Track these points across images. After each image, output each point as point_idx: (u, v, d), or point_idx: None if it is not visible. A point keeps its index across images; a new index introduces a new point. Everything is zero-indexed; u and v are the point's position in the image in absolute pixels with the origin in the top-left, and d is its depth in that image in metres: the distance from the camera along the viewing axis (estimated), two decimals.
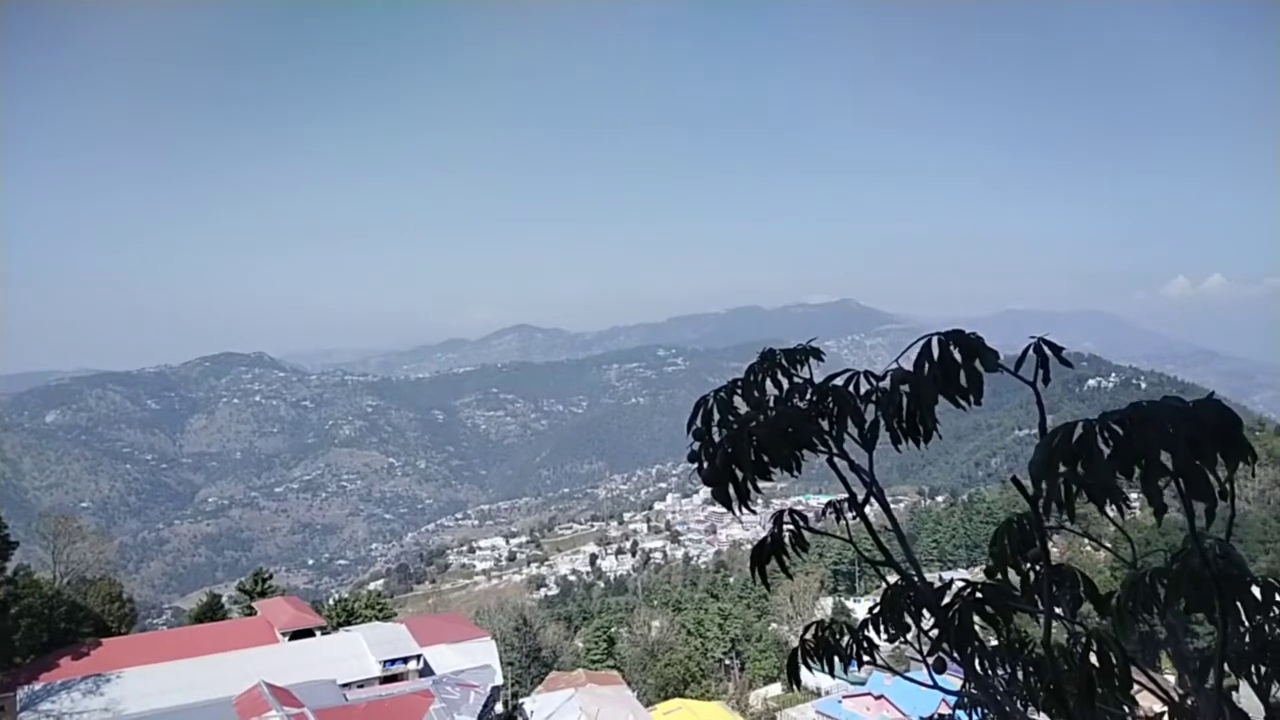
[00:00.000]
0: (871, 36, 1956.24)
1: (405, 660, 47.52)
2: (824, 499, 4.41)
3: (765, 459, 3.35)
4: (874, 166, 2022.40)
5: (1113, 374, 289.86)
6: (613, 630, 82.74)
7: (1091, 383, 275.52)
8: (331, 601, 74.89)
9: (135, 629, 58.98)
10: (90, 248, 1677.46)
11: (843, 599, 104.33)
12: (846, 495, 3.85)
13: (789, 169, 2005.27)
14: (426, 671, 47.25)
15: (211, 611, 61.36)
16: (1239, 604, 3.14)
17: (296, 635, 49.72)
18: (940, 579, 3.79)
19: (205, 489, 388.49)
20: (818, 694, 67.72)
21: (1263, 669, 3.65)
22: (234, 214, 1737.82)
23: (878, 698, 58.17)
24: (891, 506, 4.05)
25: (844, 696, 61.59)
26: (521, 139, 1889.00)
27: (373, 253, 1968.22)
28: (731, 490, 3.41)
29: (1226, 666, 3.57)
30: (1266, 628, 3.81)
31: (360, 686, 44.58)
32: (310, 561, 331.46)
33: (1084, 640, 3.08)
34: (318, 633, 51.13)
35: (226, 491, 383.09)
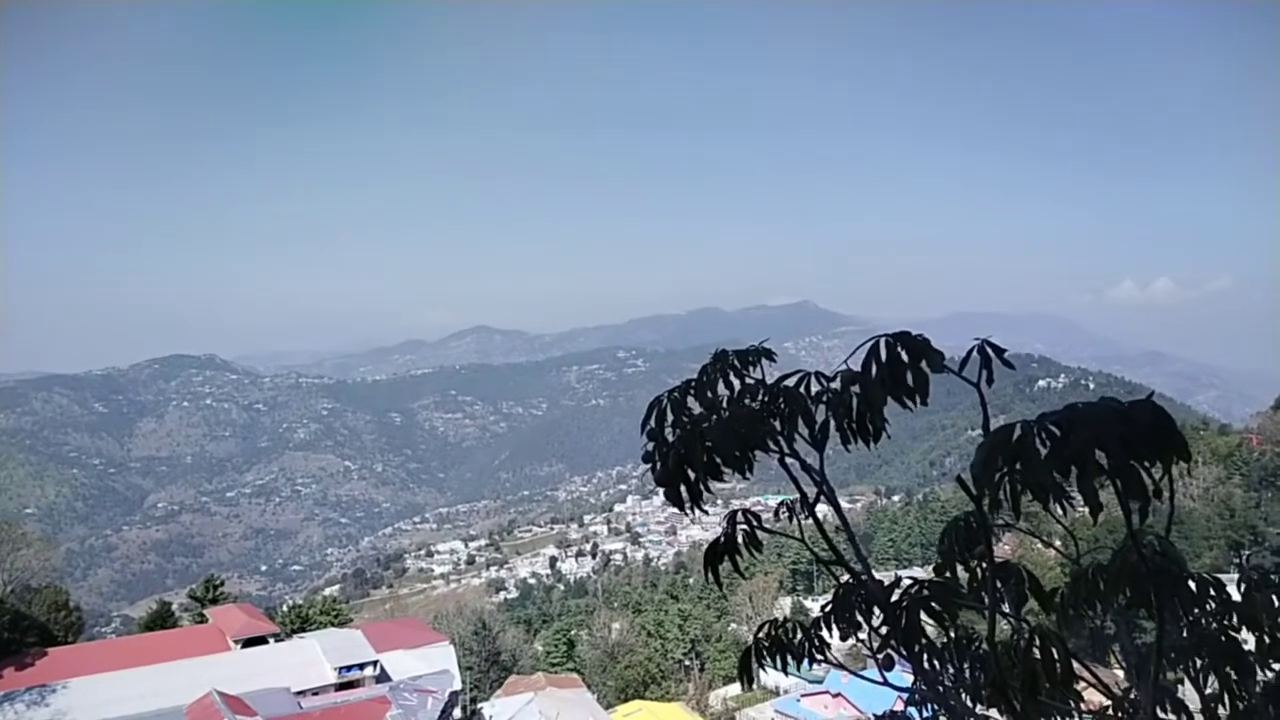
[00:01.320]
0: (833, 40, 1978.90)
1: (361, 666, 47.02)
2: (782, 499, 4.43)
3: (717, 460, 3.37)
4: (833, 170, 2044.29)
5: (1062, 375, 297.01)
6: (573, 633, 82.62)
7: (1042, 383, 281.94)
8: (285, 608, 73.69)
9: (82, 638, 57.53)
10: (35, 247, 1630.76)
11: (801, 598, 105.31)
12: (798, 495, 3.88)
13: (749, 171, 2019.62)
14: (383, 678, 46.77)
15: (162, 619, 60.16)
16: (1176, 599, 3.24)
17: (249, 643, 49.00)
18: (897, 577, 3.84)
19: (155, 494, 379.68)
20: (777, 693, 68.28)
21: (1199, 662, 3.77)
22: (184, 213, 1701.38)
23: (835, 696, 58.82)
24: (849, 506, 4.10)
25: (802, 695, 62.20)
26: (479, 140, 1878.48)
27: (328, 253, 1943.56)
28: (684, 491, 3.43)
29: (1164, 660, 3.68)
30: (1204, 622, 3.93)
31: (315, 694, 44.00)
32: (263, 568, 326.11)
33: (1027, 636, 3.14)
34: (271, 640, 50.44)
35: (177, 497, 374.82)
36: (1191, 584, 3.36)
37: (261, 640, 49.81)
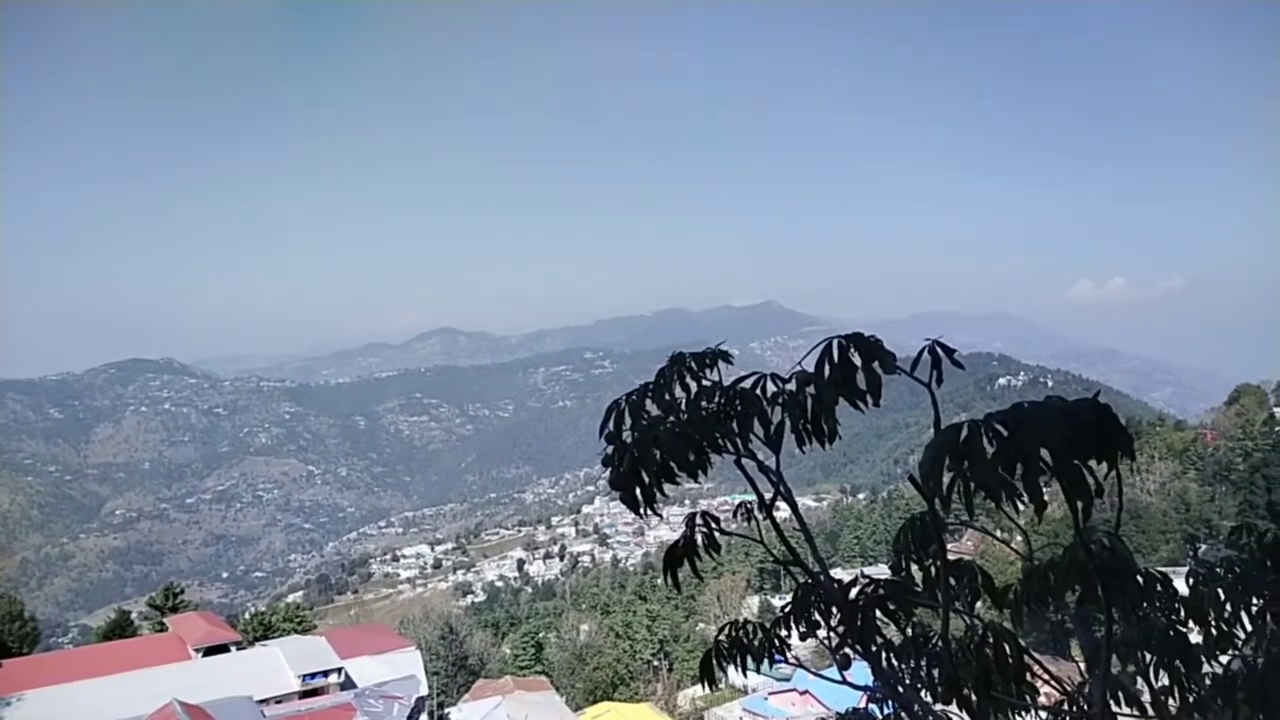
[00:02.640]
0: (799, 44, 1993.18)
1: (325, 673, 46.53)
2: (749, 499, 4.44)
3: (671, 463, 3.36)
4: (798, 172, 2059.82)
5: (1021, 373, 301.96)
6: (541, 635, 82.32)
7: (1002, 381, 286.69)
8: (248, 615, 72.71)
9: (38, 649, 56.41)
10: None
11: (769, 597, 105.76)
12: (755, 497, 3.89)
13: (714, 173, 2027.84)
14: (348, 684, 46.31)
15: (121, 628, 59.23)
16: (1125, 594, 3.30)
17: (211, 651, 48.40)
18: (861, 575, 3.87)
19: (112, 501, 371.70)
20: (745, 692, 68.53)
21: (1148, 656, 3.84)
22: (140, 215, 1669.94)
23: (802, 693, 59.23)
24: (815, 504, 4.13)
25: (770, 693, 62.49)
26: (443, 141, 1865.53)
27: (289, 254, 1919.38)
28: (638, 494, 3.42)
29: (1114, 654, 3.74)
30: (1152, 617, 4.01)
31: (279, 702, 43.49)
32: (225, 575, 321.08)
33: (980, 632, 3.17)
34: (233, 648, 49.86)
35: (135, 503, 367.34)
36: (1139, 579, 3.42)
37: (223, 648, 49.21)
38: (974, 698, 3.25)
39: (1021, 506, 2.80)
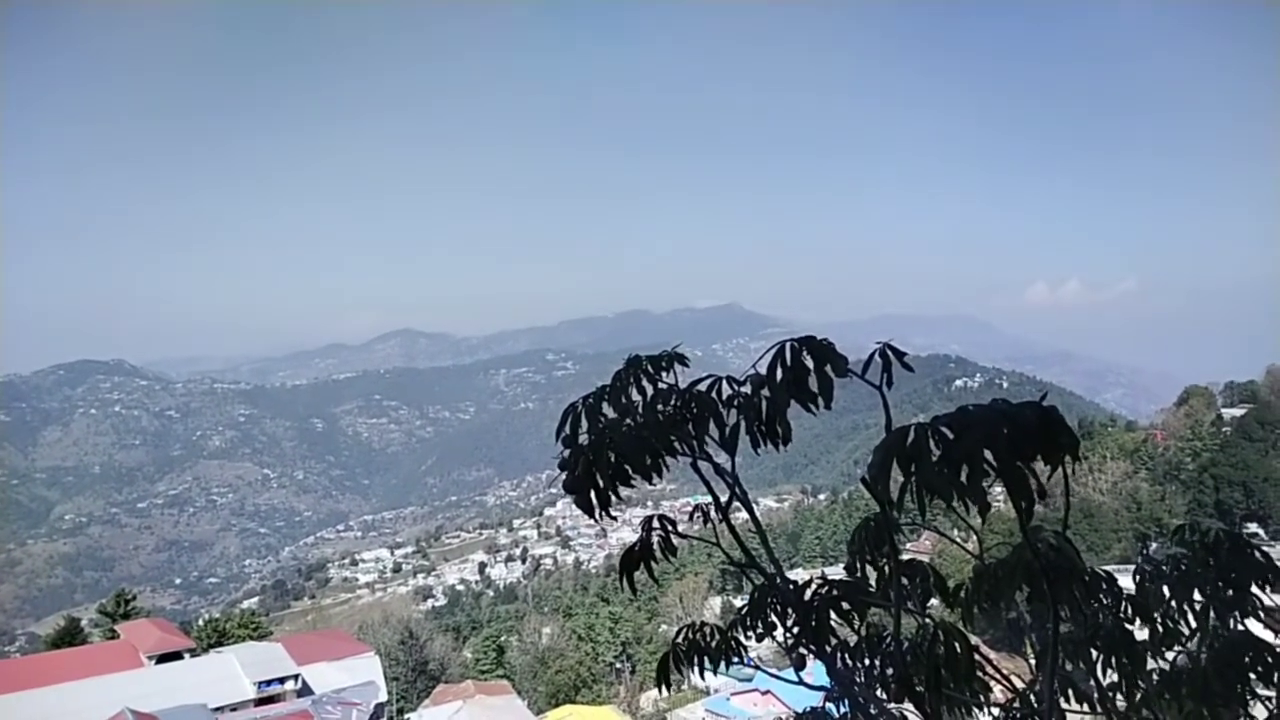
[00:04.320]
0: (760, 45, 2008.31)
1: (282, 680, 45.96)
2: (707, 500, 4.45)
3: (626, 466, 3.37)
4: (759, 173, 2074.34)
5: (978, 374, 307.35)
6: (502, 639, 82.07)
7: (959, 383, 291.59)
8: (201, 622, 71.57)
9: None
10: None
11: (730, 598, 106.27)
12: (711, 499, 3.91)
13: (675, 173, 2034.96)
14: (305, 691, 45.77)
15: (70, 636, 58.19)
16: (1070, 592, 3.36)
17: (164, 659, 47.73)
18: (822, 575, 3.90)
19: (61, 505, 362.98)
20: (708, 693, 68.84)
21: (1094, 653, 3.93)
22: (89, 211, 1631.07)
23: (764, 693, 59.67)
24: (776, 505, 4.16)
25: (732, 694, 62.86)
26: (403, 139, 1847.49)
27: (245, 254, 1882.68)
28: (593, 496, 3.42)
29: (1064, 651, 3.82)
30: (1099, 615, 4.09)
31: (234, 710, 42.91)
32: (178, 581, 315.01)
33: (932, 631, 3.21)
34: (186, 655, 49.27)
35: (85, 508, 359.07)
36: (1085, 578, 3.49)
37: (176, 656, 48.59)
38: (926, 696, 3.30)
39: (965, 509, 2.85)
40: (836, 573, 4.10)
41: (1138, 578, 4.56)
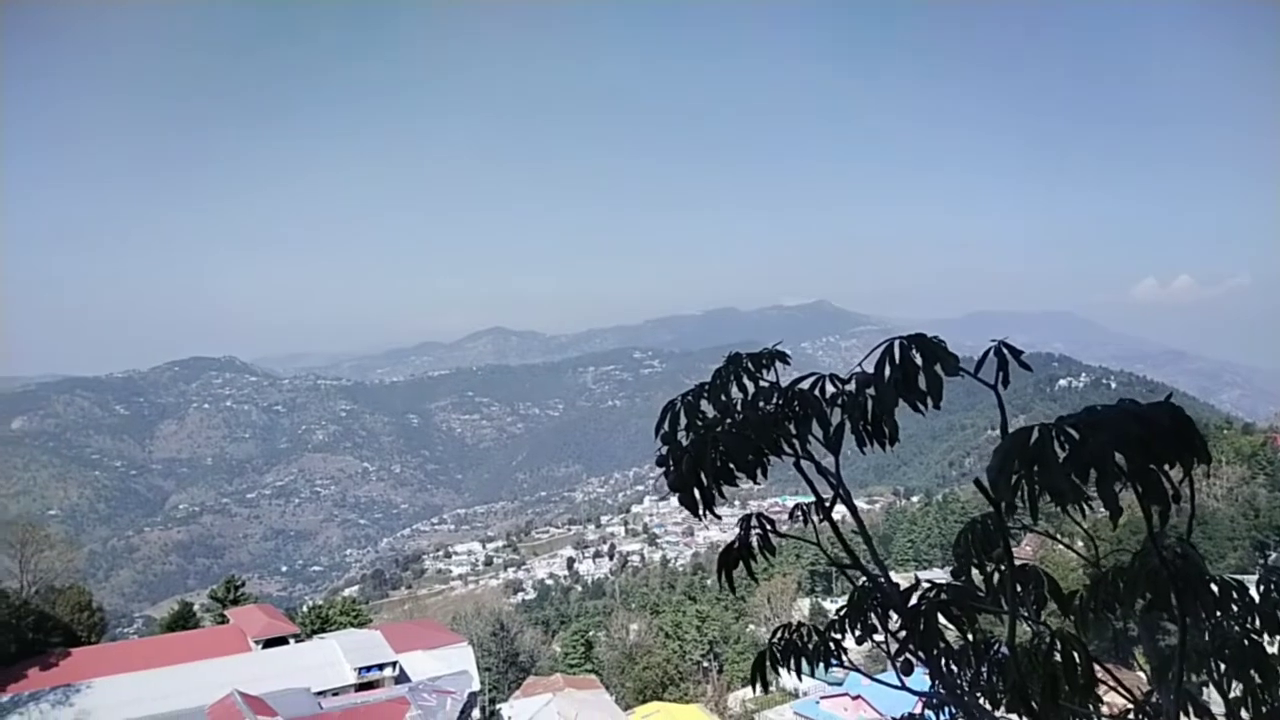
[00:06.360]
0: (847, 36, 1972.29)
1: (380, 667, 47.26)
2: (799, 500, 4.41)
3: (730, 464, 3.35)
4: (849, 169, 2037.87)
5: (1083, 374, 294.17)
6: (590, 634, 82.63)
7: (1063, 383, 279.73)
8: (305, 609, 74.13)
9: (105, 638, 58.12)
10: (55, 250, 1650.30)
11: (820, 600, 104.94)
12: (814, 498, 3.86)
13: (764, 171, 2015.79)
14: (402, 678, 47.00)
15: (183, 620, 60.68)
16: (1198, 602, 3.20)
17: (270, 643, 49.36)
18: (916, 579, 3.82)
19: (176, 495, 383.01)
20: (796, 695, 68.02)
21: (1221, 665, 3.72)
22: (202, 215, 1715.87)
23: (855, 698, 58.48)
24: (866, 507, 4.08)
25: (821, 697, 61.91)
26: (496, 140, 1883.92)
27: (344, 254, 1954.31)
28: (697, 495, 3.41)
29: (1185, 663, 3.63)
30: (1226, 625, 3.87)
31: (335, 694, 44.28)
32: (284, 568, 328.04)
33: (1048, 639, 3.10)
34: (291, 640, 50.79)
35: (198, 498, 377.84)
36: (1214, 586, 3.31)
37: (282, 641, 50.19)
38: (1040, 706, 3.18)
39: (1080, 513, 2.74)
40: (929, 576, 3.99)
41: (1262, 587, 4.31)
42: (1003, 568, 3.57)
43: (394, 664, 47.74)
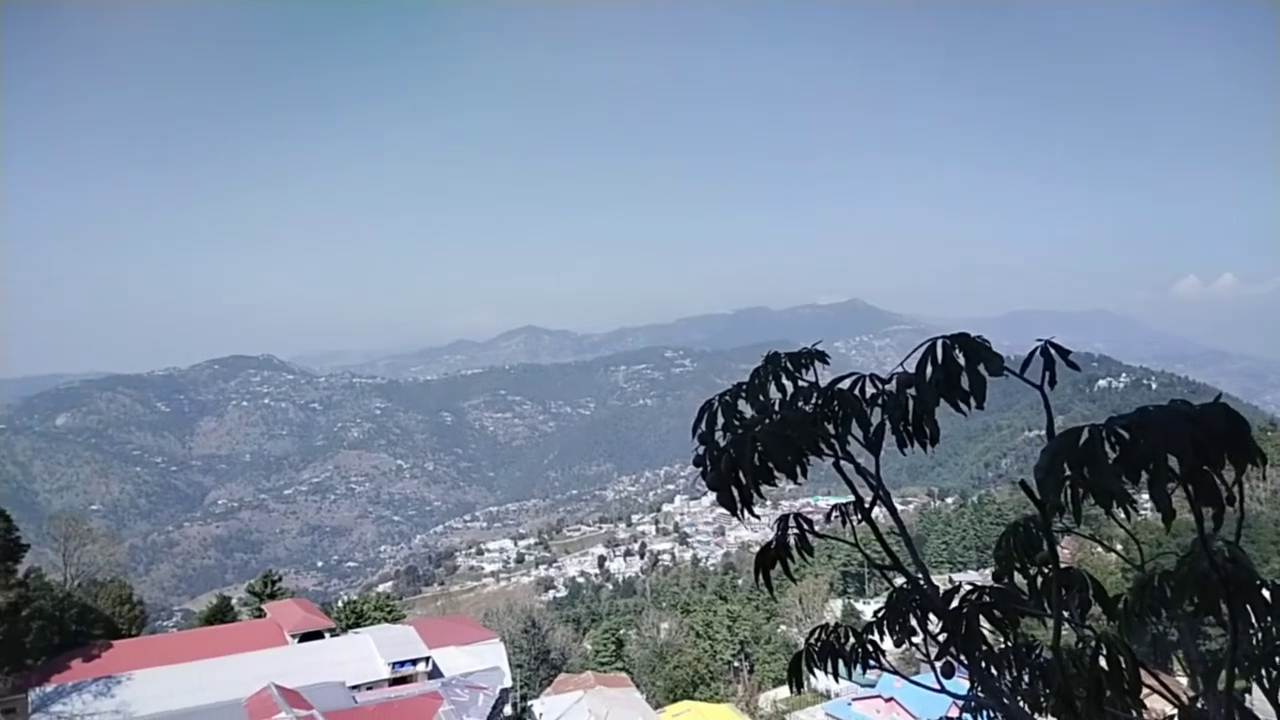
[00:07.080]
0: (879, 31, 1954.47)
1: (414, 662, 47.70)
2: (834, 500, 4.38)
3: (769, 464, 3.34)
4: (882, 167, 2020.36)
5: (1123, 374, 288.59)
6: (621, 632, 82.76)
7: (1102, 383, 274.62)
8: (341, 604, 75.06)
9: (145, 631, 59.33)
10: (97, 250, 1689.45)
11: (852, 601, 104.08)
12: (853, 498, 3.84)
13: (795, 169, 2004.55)
14: (435, 673, 47.39)
15: (221, 613, 61.68)
16: (1248, 607, 3.13)
17: (306, 637, 49.99)
18: (950, 581, 3.78)
19: (215, 491, 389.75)
20: (828, 696, 67.58)
21: (1273, 672, 3.63)
22: (240, 216, 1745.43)
23: (888, 700, 57.92)
24: (901, 508, 4.04)
25: (854, 699, 61.37)
26: (528, 140, 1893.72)
27: (379, 254, 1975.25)
28: (735, 494, 3.41)
29: (1236, 669, 3.55)
30: (1275, 631, 3.79)
31: (369, 688, 44.76)
32: (319, 564, 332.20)
33: (1093, 643, 3.06)
34: (327, 635, 51.41)
35: (236, 494, 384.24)
36: (1265, 592, 3.24)
37: (318, 635, 50.82)
38: (1083, 710, 3.14)
39: (1124, 515, 2.69)
40: (964, 579, 3.95)
41: None
42: (1046, 570, 3.53)
43: (427, 659, 48.15)
